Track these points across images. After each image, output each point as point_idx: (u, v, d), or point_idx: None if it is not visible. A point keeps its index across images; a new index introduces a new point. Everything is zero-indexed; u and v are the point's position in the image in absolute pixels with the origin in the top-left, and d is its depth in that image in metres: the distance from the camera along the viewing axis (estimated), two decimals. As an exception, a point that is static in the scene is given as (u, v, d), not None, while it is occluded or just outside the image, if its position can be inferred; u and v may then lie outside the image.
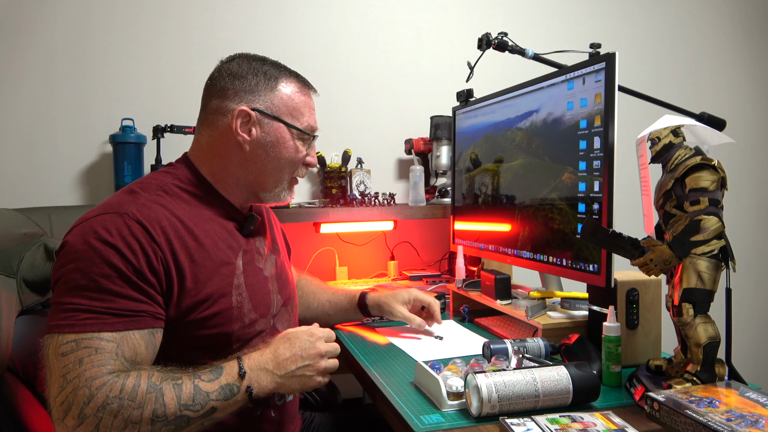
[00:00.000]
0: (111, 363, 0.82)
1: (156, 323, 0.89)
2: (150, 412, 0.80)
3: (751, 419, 0.72)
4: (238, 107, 1.02)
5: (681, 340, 0.94)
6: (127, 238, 0.87)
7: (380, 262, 2.16)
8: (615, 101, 1.09)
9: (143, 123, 1.89)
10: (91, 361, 0.81)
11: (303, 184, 2.13)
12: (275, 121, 1.04)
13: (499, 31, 1.48)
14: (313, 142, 1.11)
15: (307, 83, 1.11)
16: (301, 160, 1.09)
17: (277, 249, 1.20)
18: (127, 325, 0.85)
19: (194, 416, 0.83)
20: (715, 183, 0.88)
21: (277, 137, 1.05)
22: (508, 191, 1.46)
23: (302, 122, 1.07)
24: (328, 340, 0.99)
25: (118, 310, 0.85)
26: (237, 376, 0.88)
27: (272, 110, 1.04)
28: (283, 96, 1.05)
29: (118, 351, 0.83)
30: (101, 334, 0.83)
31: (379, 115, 2.21)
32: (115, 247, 0.86)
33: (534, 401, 0.88)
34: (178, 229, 0.94)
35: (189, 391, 0.84)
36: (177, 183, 1.02)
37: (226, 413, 0.87)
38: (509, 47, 1.45)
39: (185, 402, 0.83)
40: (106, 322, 0.83)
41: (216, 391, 0.85)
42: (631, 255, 0.93)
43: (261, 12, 2.07)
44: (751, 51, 2.75)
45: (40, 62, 1.86)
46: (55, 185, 1.88)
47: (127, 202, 0.93)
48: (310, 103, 1.10)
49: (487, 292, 1.44)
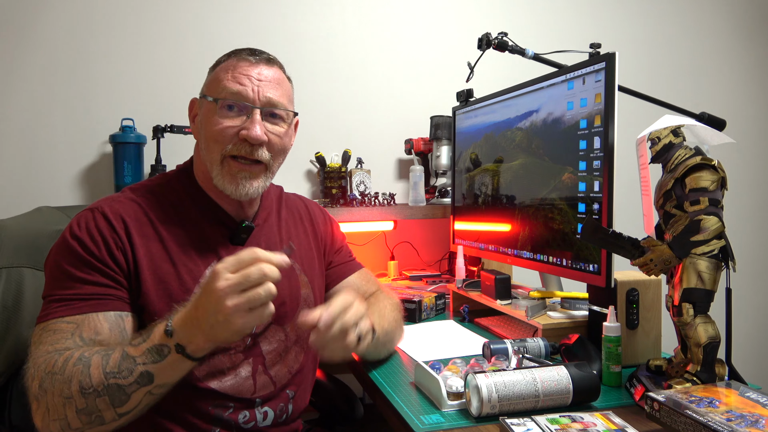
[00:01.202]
0: (61, 342, 0.84)
1: (125, 307, 0.91)
2: (77, 385, 0.79)
3: (751, 419, 0.72)
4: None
5: (681, 340, 0.94)
6: (92, 230, 0.93)
7: (380, 262, 2.15)
8: (615, 101, 1.09)
9: (143, 123, 1.88)
10: (44, 341, 0.85)
11: (303, 184, 2.13)
12: (203, 100, 1.01)
13: (499, 31, 1.48)
14: (254, 114, 0.97)
15: (240, 51, 1.01)
16: (226, 133, 0.97)
17: (289, 264, 1.12)
18: (93, 307, 0.88)
19: (125, 384, 0.79)
20: (715, 183, 0.88)
21: (203, 114, 1.00)
22: (508, 191, 1.46)
23: (220, 92, 0.97)
24: (236, 269, 0.78)
25: (85, 294, 0.89)
26: (163, 335, 0.81)
27: (202, 91, 1.03)
28: (213, 74, 1.02)
29: (76, 331, 0.86)
30: (65, 318, 0.87)
31: (379, 115, 2.21)
32: (80, 238, 0.92)
33: (534, 401, 0.88)
34: (144, 226, 0.97)
35: (115, 358, 0.80)
36: (168, 186, 1.04)
37: (169, 378, 0.82)
38: (509, 47, 1.45)
39: (110, 370, 0.79)
40: (73, 306, 0.88)
41: (143, 355, 0.80)
42: (631, 255, 0.93)
43: (261, 12, 2.07)
44: (751, 51, 2.75)
45: (40, 62, 1.85)
46: (55, 185, 1.88)
47: (107, 199, 0.99)
48: (237, 70, 0.98)
49: (487, 292, 1.44)
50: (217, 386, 0.96)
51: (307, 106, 2.13)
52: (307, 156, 2.10)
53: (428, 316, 1.55)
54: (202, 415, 0.95)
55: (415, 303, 1.50)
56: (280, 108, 1.01)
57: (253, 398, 1.00)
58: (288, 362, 1.06)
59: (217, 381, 0.96)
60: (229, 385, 0.97)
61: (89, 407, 0.79)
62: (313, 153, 2.05)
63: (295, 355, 1.08)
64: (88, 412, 0.79)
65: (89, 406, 0.79)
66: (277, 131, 1.01)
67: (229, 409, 0.97)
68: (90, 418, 0.80)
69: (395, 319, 1.19)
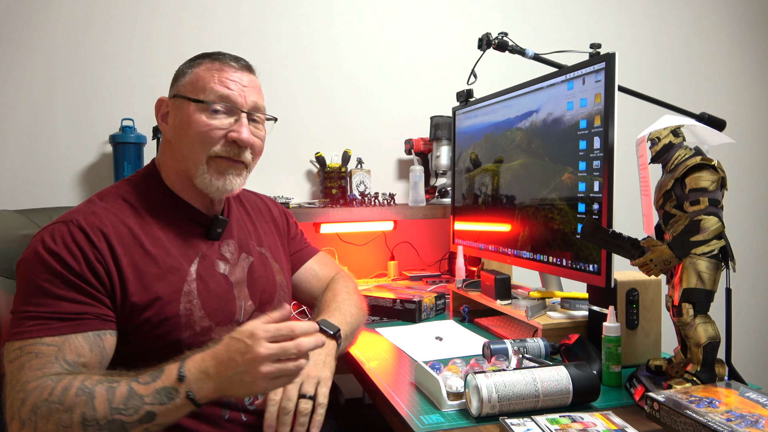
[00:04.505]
0: (48, 367, 0.83)
1: (104, 325, 0.90)
2: (80, 416, 0.78)
3: (751, 419, 0.72)
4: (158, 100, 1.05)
5: (681, 340, 0.94)
6: (69, 244, 0.90)
7: (380, 262, 2.15)
8: (615, 101, 1.09)
9: (143, 123, 1.88)
10: (30, 366, 0.82)
11: (303, 184, 2.13)
12: (182, 100, 1.01)
13: (499, 31, 1.48)
14: (242, 117, 1.01)
15: (221, 56, 1.04)
16: (214, 134, 0.99)
17: (261, 252, 1.15)
18: (72, 329, 0.86)
19: (129, 421, 0.79)
20: (715, 183, 0.88)
21: (184, 115, 1.00)
22: (508, 191, 1.46)
23: (207, 94, 0.99)
24: (275, 339, 0.81)
25: (63, 313, 0.87)
26: (176, 380, 0.81)
27: (180, 91, 1.03)
28: (191, 75, 1.03)
29: (59, 354, 0.84)
30: (44, 339, 0.85)
31: (379, 115, 2.21)
32: (57, 254, 0.89)
33: (534, 401, 0.88)
34: (123, 236, 0.95)
35: (122, 394, 0.79)
36: (136, 191, 1.03)
37: (171, 419, 0.82)
38: (509, 47, 1.45)
39: (117, 405, 0.79)
40: (52, 326, 0.85)
41: (151, 395, 0.80)
42: (631, 255, 0.93)
43: (261, 12, 2.07)
44: (752, 51, 2.75)
45: (40, 62, 1.85)
46: (55, 185, 1.88)
47: (79, 210, 0.96)
48: (223, 74, 1.01)
49: (487, 292, 1.44)
50: None
51: (307, 106, 2.13)
52: (307, 156, 2.10)
53: (428, 316, 1.55)
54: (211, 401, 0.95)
55: (415, 303, 1.50)
56: (263, 112, 1.06)
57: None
58: None
59: None
60: None
61: None
62: (313, 153, 2.05)
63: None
64: None
65: None
66: (259, 135, 1.06)
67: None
68: None
69: (356, 308, 1.20)
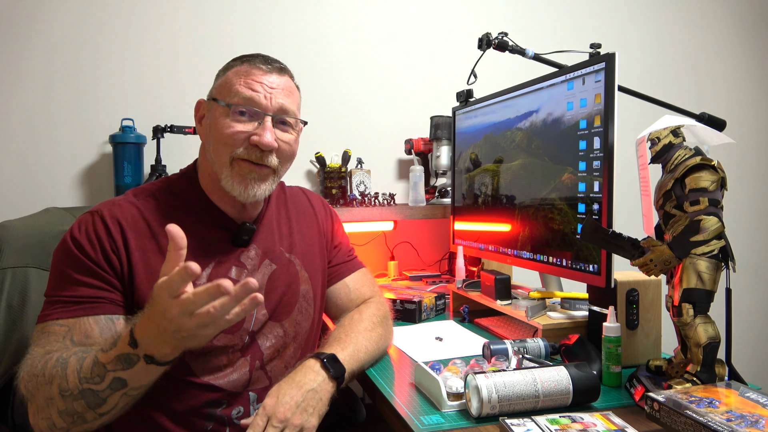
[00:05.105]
0: (52, 344, 0.86)
1: (117, 310, 0.93)
2: (57, 387, 0.80)
3: (751, 419, 0.72)
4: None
5: (681, 341, 0.94)
6: (90, 233, 0.95)
7: (380, 262, 2.15)
8: (615, 101, 1.09)
9: (143, 123, 1.89)
10: (39, 344, 0.87)
11: (303, 184, 2.13)
12: (213, 102, 1.02)
13: (499, 31, 1.48)
14: (266, 120, 0.98)
15: (252, 58, 1.02)
16: (237, 137, 0.98)
17: (289, 259, 1.11)
18: (85, 311, 0.90)
19: (99, 389, 0.79)
20: (715, 183, 0.88)
21: (213, 117, 1.01)
22: (508, 191, 1.46)
23: (232, 97, 0.99)
24: (173, 293, 0.73)
25: (80, 297, 0.90)
26: (128, 346, 0.78)
27: (212, 94, 1.04)
28: (223, 78, 1.03)
29: (67, 335, 0.88)
30: (59, 321, 0.89)
31: (379, 115, 2.21)
32: (78, 242, 0.94)
33: (534, 402, 0.88)
34: (140, 230, 0.98)
35: (88, 364, 0.80)
36: (169, 189, 1.05)
37: (146, 381, 0.81)
38: (509, 47, 1.45)
39: (84, 375, 0.80)
40: (68, 309, 0.90)
41: (113, 362, 0.79)
42: (631, 255, 0.93)
43: (261, 12, 2.07)
44: (751, 51, 2.75)
45: (40, 62, 1.85)
46: (55, 185, 1.88)
47: (108, 202, 1.00)
48: (250, 77, 0.99)
49: (487, 293, 1.44)
50: (212, 381, 0.98)
51: (307, 106, 2.11)
52: (307, 156, 2.10)
53: (428, 317, 1.55)
54: (196, 411, 0.96)
55: (415, 303, 1.50)
56: (291, 116, 1.03)
57: (246, 392, 1.01)
58: (285, 358, 1.07)
59: (212, 377, 0.98)
60: (225, 381, 0.99)
61: (68, 409, 0.81)
62: (313, 153, 2.05)
63: (294, 351, 1.09)
64: (69, 413, 0.81)
65: (68, 407, 0.81)
66: (286, 138, 1.03)
67: (222, 404, 0.98)
68: (72, 419, 0.82)
69: (373, 344, 1.12)
